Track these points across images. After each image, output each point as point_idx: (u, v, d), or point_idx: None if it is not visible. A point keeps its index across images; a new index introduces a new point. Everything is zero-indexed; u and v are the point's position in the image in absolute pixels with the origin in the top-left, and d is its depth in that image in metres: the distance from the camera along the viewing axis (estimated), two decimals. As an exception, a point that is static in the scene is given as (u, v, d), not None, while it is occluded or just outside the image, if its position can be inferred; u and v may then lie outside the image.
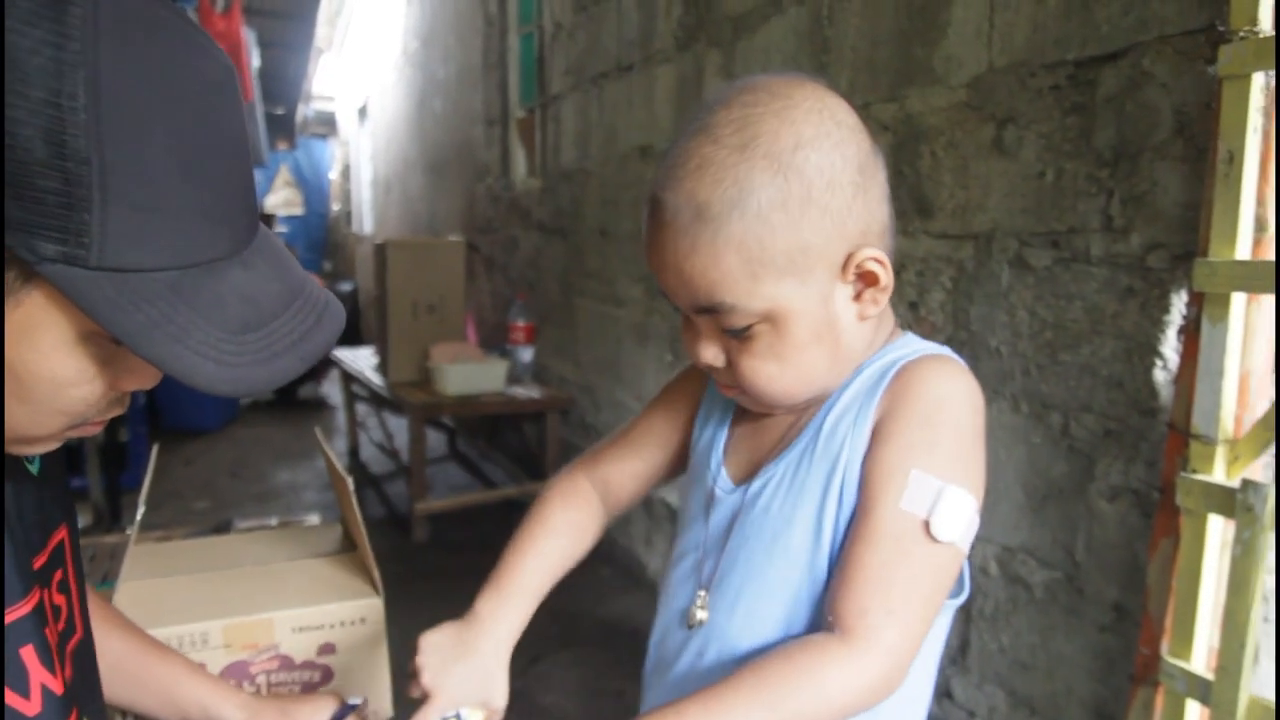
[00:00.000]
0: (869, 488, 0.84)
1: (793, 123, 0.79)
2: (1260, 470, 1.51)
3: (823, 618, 0.83)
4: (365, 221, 10.51)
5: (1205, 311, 1.52)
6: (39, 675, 0.73)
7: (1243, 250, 1.47)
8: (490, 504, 4.58)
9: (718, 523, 0.96)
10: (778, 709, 0.76)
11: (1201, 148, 1.59)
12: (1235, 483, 1.47)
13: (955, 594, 0.89)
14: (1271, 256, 1.46)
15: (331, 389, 7.51)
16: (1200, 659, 1.56)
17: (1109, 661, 1.82)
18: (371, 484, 5.24)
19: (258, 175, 6.81)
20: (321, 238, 11.95)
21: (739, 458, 0.98)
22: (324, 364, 6.63)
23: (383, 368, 4.77)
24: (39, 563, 0.77)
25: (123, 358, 0.66)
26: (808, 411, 0.93)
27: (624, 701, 2.93)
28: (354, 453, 5.68)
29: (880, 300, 0.86)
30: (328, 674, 1.39)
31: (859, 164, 0.82)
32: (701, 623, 0.94)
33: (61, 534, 0.82)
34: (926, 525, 0.80)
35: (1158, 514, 1.62)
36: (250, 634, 1.33)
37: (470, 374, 4.30)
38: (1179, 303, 1.67)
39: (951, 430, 0.84)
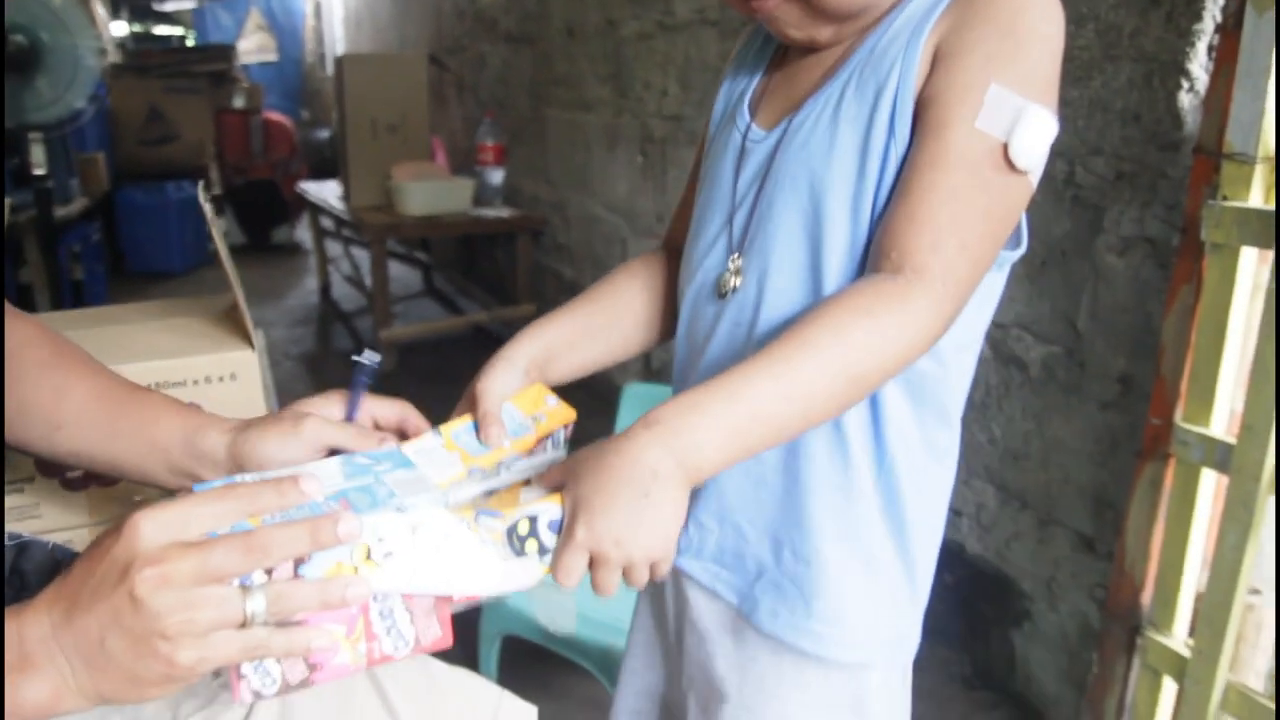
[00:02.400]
0: (938, 106, 0.71)
1: None
2: (1306, 191, 1.25)
3: (878, 255, 0.72)
4: (341, 63, 10.04)
5: (1249, -1, 1.24)
6: None
7: (1301, -88, 1.18)
8: (460, 333, 4.36)
9: (749, 176, 0.83)
10: (850, 361, 0.68)
11: None
12: (1273, 208, 1.22)
13: (1013, 246, 0.77)
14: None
15: (306, 235, 7.23)
16: (1220, 423, 1.34)
17: (1112, 443, 1.60)
18: (341, 320, 5.02)
19: (223, 19, 6.45)
20: (298, 84, 11.42)
21: (773, 106, 0.85)
22: (297, 206, 6.35)
23: (344, 193, 4.48)
24: None
25: None
26: (853, 43, 0.78)
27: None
28: (325, 291, 5.44)
29: None
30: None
31: None
32: (735, 289, 0.81)
33: None
34: (1005, 149, 0.69)
35: (1178, 259, 1.37)
36: None
37: (433, 192, 4.02)
38: (1214, 7, 1.38)
39: (1036, 41, 0.71)
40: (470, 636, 1.84)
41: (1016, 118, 0.69)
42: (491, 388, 0.83)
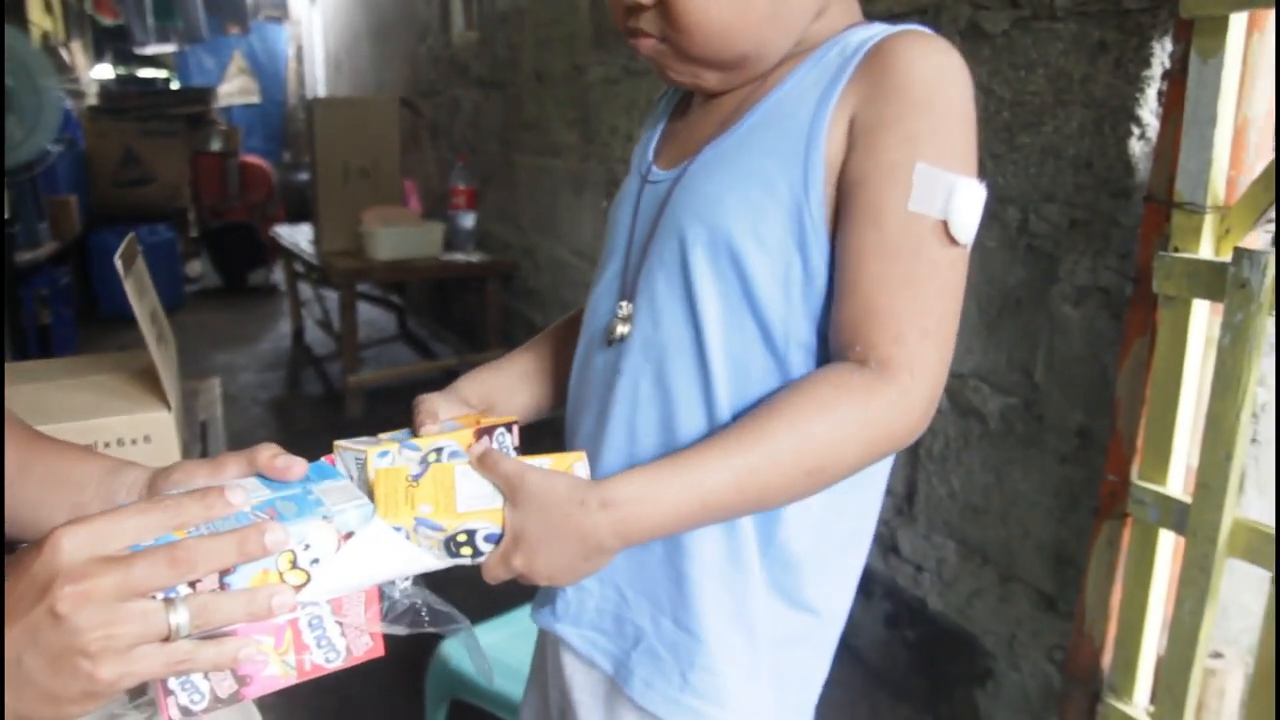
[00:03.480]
0: (868, 190, 0.70)
1: None
2: (1255, 246, 1.22)
3: (840, 347, 0.71)
4: (323, 106, 10.05)
5: (1195, 45, 1.20)
6: None
7: (1244, -41, 1.15)
8: (431, 377, 4.30)
9: (645, 220, 0.82)
10: (806, 453, 0.68)
11: None
12: (1226, 259, 1.18)
13: None
14: (1280, -39, 1.14)
15: (283, 277, 7.19)
16: (1177, 481, 1.29)
17: (1071, 498, 1.55)
18: (313, 364, 4.96)
19: (206, 63, 6.44)
20: (279, 126, 11.43)
21: (675, 148, 0.84)
22: (274, 249, 6.30)
23: (316, 238, 4.44)
24: None
25: None
26: (757, 91, 0.78)
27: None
28: (298, 335, 5.37)
29: None
30: (106, 506, 1.14)
31: None
32: (622, 337, 0.80)
33: None
34: (944, 226, 0.69)
35: (1130, 311, 1.33)
36: None
37: (403, 237, 3.98)
38: (1161, 54, 1.35)
39: (952, 113, 0.71)
40: (417, 700, 1.78)
41: (949, 194, 0.68)
42: (432, 401, 0.83)
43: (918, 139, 0.69)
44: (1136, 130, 1.39)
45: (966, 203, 0.69)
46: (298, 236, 4.95)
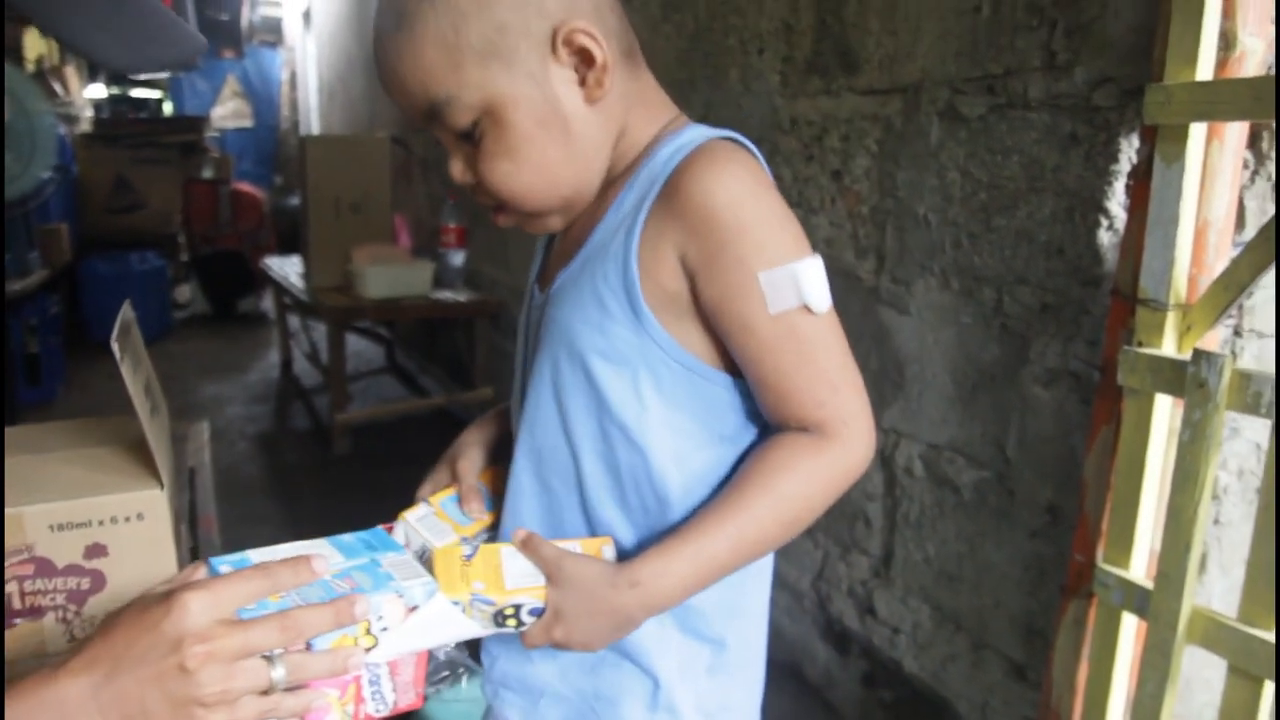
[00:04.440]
0: (730, 312, 0.80)
1: None
2: (1216, 341, 1.26)
3: (778, 423, 0.83)
4: (314, 129, 10.08)
5: (1158, 150, 1.25)
6: None
7: (1204, 71, 1.21)
8: (419, 415, 4.33)
9: (531, 331, 0.94)
10: (782, 510, 0.81)
11: (1161, -44, 1.31)
12: (1186, 356, 1.22)
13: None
14: (1240, 75, 1.19)
15: (272, 305, 7.20)
16: (1140, 565, 1.33)
17: (1040, 572, 1.59)
18: (301, 397, 4.98)
19: (200, 86, 6.46)
20: (272, 150, 11.46)
21: (550, 268, 0.95)
22: (264, 277, 6.33)
23: (306, 273, 4.47)
24: None
25: None
26: (594, 216, 0.87)
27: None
28: (286, 366, 5.40)
29: (605, 81, 0.81)
30: (99, 581, 1.21)
31: None
32: (514, 435, 0.92)
33: None
34: (805, 308, 0.79)
35: (1097, 399, 1.37)
36: None
37: (393, 276, 4.01)
38: (1129, 149, 1.40)
39: (761, 222, 0.80)
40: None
41: (795, 284, 0.78)
42: (469, 468, 0.97)
43: (746, 258, 0.78)
44: (1105, 221, 1.43)
45: (812, 280, 0.79)
46: (288, 269, 4.98)
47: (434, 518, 0.95)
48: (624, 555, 0.84)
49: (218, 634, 0.69)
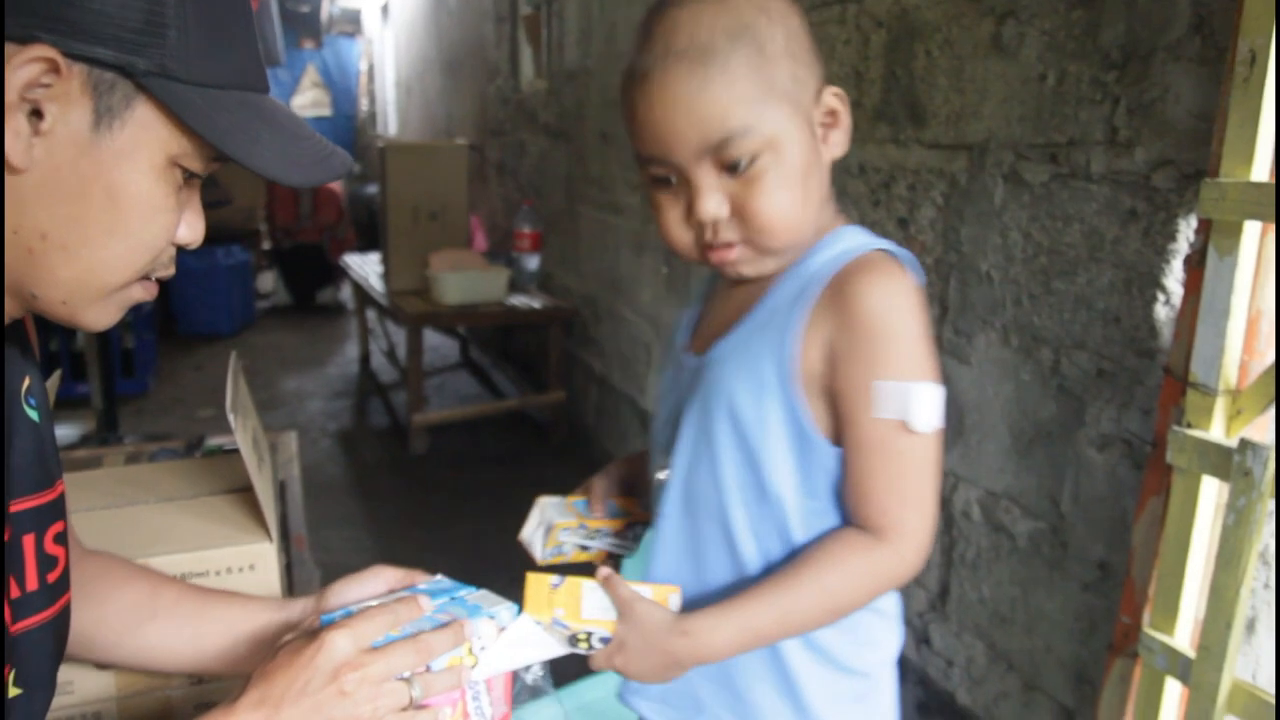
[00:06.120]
0: (845, 401, 0.92)
1: None
2: (1263, 430, 1.32)
3: (849, 514, 0.95)
4: (390, 123, 10.28)
5: (1212, 241, 1.31)
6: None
7: (1260, 171, 1.25)
8: (495, 416, 4.47)
9: (680, 392, 1.04)
10: (827, 598, 0.92)
11: (1221, 47, 1.36)
12: (1234, 442, 1.28)
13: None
14: (1291, 178, 1.24)
15: (350, 295, 7.41)
16: (1184, 634, 1.39)
17: (1091, 623, 1.66)
18: (379, 393, 5.15)
19: (280, 75, 6.66)
20: (350, 140, 11.71)
21: (703, 334, 1.06)
22: (342, 269, 6.53)
23: (385, 275, 4.63)
24: (40, 501, 0.84)
25: (188, 197, 0.79)
26: (762, 287, 0.98)
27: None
28: (364, 360, 5.58)
29: (842, 143, 0.96)
30: (214, 627, 1.29)
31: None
32: (662, 482, 1.04)
33: (60, 488, 0.89)
34: (905, 424, 0.90)
35: (1148, 470, 1.43)
36: None
37: (470, 282, 4.15)
38: (1186, 230, 1.45)
39: (899, 338, 0.91)
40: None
41: (904, 400, 0.89)
42: (602, 485, 1.19)
43: (875, 362, 0.90)
44: (1162, 297, 1.49)
45: (921, 403, 0.90)
46: (367, 269, 5.14)
47: (564, 507, 1.17)
48: (750, 581, 0.97)
49: (366, 661, 0.82)
